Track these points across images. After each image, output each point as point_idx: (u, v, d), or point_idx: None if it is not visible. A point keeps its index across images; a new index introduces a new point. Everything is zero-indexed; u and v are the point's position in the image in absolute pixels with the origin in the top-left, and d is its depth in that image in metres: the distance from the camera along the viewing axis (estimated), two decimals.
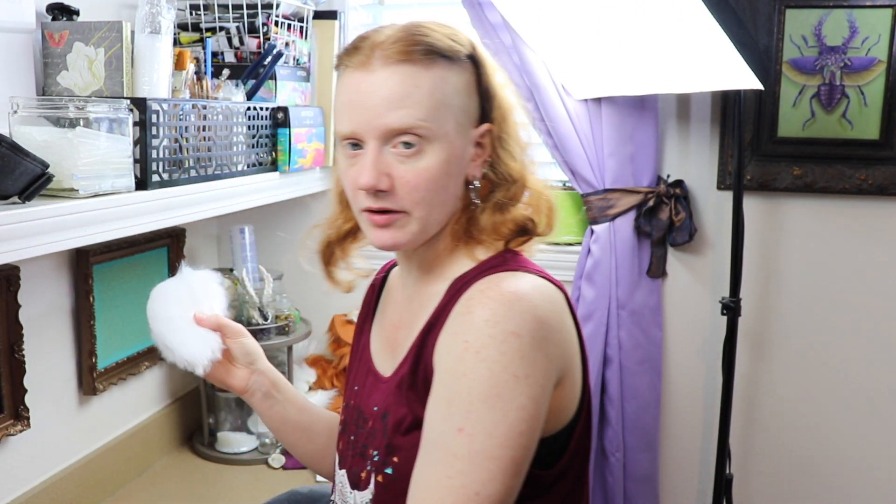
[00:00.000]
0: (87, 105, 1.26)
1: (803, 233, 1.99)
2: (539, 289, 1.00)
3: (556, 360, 0.98)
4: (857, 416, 2.01)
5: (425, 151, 1.02)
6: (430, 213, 1.05)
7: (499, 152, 1.10)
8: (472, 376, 0.92)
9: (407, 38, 1.03)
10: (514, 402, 0.91)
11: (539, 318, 0.95)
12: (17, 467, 1.60)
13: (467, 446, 0.90)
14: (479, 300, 0.97)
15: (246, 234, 2.10)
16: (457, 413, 0.92)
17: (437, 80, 1.02)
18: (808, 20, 1.89)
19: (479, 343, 0.93)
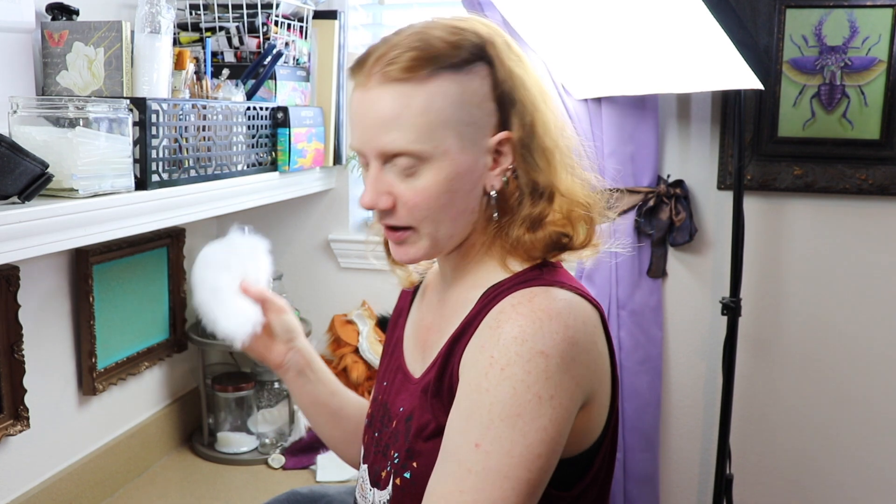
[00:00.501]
0: (86, 105, 1.26)
1: (804, 233, 1.99)
2: (573, 307, 0.96)
3: (583, 383, 0.95)
4: (858, 416, 2.01)
5: (424, 170, 0.99)
6: (437, 228, 1.03)
7: (522, 161, 1.03)
8: (494, 393, 0.90)
9: (405, 51, 0.98)
10: (535, 424, 0.89)
11: (569, 339, 0.93)
12: (17, 467, 1.60)
13: (483, 463, 0.89)
14: (508, 315, 0.94)
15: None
16: (476, 428, 0.90)
17: (432, 97, 0.98)
18: (808, 20, 1.88)
19: (505, 360, 0.91)
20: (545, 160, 1.04)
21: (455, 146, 0.99)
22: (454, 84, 0.98)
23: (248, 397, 2.08)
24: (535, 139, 1.03)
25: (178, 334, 2.08)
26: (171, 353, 2.07)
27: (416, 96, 0.97)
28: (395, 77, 0.98)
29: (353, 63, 1.04)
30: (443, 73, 0.98)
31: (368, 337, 2.16)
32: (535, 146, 1.03)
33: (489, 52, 1.01)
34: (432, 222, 1.02)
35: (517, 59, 1.04)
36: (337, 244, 2.29)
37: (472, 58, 1.00)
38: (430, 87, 0.98)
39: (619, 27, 1.68)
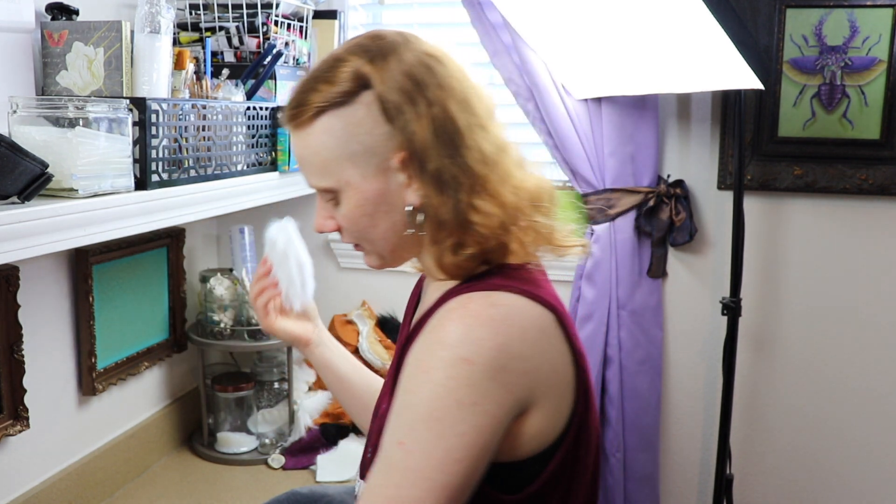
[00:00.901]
0: (86, 105, 1.26)
1: (804, 233, 1.99)
2: (512, 313, 0.96)
3: (517, 391, 0.94)
4: (858, 415, 2.01)
5: (341, 200, 1.07)
6: (373, 245, 1.10)
7: (421, 180, 1.02)
8: (417, 394, 0.92)
9: (293, 101, 1.06)
10: (454, 429, 0.90)
11: (499, 346, 0.92)
12: (17, 468, 1.60)
13: (404, 461, 0.91)
14: (443, 319, 0.96)
15: (245, 234, 2.10)
16: (400, 427, 0.93)
17: (320, 137, 1.04)
18: (808, 20, 1.88)
19: (429, 364, 0.93)
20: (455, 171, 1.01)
21: (356, 175, 1.04)
22: (337, 120, 1.02)
23: (247, 397, 2.08)
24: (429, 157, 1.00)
25: (177, 334, 2.07)
26: (170, 353, 2.07)
27: (308, 139, 1.05)
28: (291, 126, 1.07)
29: None
30: (326, 113, 1.03)
31: (368, 337, 2.16)
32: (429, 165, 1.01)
33: (368, 76, 1.01)
34: (367, 241, 1.10)
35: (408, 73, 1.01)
36: (337, 244, 2.29)
37: (353, 89, 1.01)
38: (316, 129, 1.04)
39: (619, 27, 1.68)
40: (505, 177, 1.03)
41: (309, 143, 1.05)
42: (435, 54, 1.04)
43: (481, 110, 1.04)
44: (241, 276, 2.04)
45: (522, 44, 1.93)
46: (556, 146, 1.99)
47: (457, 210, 1.01)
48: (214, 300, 2.02)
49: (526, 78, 1.96)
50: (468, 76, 1.06)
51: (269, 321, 1.38)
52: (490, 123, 1.05)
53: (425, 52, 1.03)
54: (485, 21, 1.98)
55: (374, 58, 1.01)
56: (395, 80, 1.00)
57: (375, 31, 1.07)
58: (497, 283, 1.00)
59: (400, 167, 1.02)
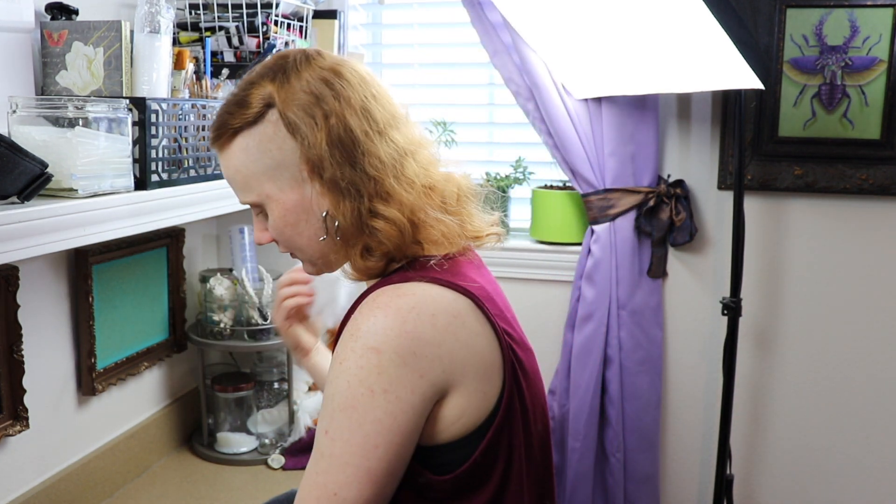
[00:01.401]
0: (86, 105, 1.26)
1: (804, 233, 1.99)
2: (421, 301, 1.00)
3: (431, 376, 0.98)
4: (858, 416, 2.01)
5: (268, 212, 1.13)
6: (303, 253, 1.16)
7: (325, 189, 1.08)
8: (334, 385, 0.98)
9: (214, 125, 1.13)
10: (369, 416, 0.96)
11: (407, 334, 0.97)
12: (16, 468, 1.59)
13: (329, 448, 0.98)
14: (355, 315, 1.01)
15: (245, 234, 2.10)
16: (325, 416, 0.99)
17: (237, 157, 1.11)
18: (808, 19, 1.88)
19: (343, 355, 0.98)
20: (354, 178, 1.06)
21: (274, 189, 1.10)
22: (248, 139, 1.10)
23: (247, 397, 2.08)
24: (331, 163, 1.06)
25: (177, 334, 2.07)
26: (170, 354, 2.06)
27: (230, 159, 1.12)
28: (217, 148, 1.15)
29: None
30: (241, 133, 1.10)
31: None
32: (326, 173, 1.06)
33: (273, 96, 1.08)
34: (296, 249, 1.16)
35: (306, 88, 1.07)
36: None
37: (261, 109, 1.08)
38: (234, 149, 1.11)
39: (620, 27, 1.68)
40: (399, 176, 1.08)
41: (230, 163, 1.12)
42: (335, 69, 1.09)
43: (381, 117, 1.09)
44: (241, 276, 2.03)
45: (522, 44, 1.92)
46: (556, 146, 1.99)
47: (358, 216, 1.07)
48: (214, 300, 2.02)
49: (526, 78, 1.96)
50: (371, 85, 1.11)
51: (285, 322, 1.44)
52: (390, 129, 1.09)
53: (326, 68, 1.09)
54: (485, 21, 1.98)
55: (277, 77, 1.09)
56: (296, 96, 1.07)
57: (282, 51, 1.16)
58: (409, 275, 1.05)
59: (309, 177, 1.08)
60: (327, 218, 1.09)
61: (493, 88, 2.27)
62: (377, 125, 1.08)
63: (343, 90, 1.07)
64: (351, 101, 1.07)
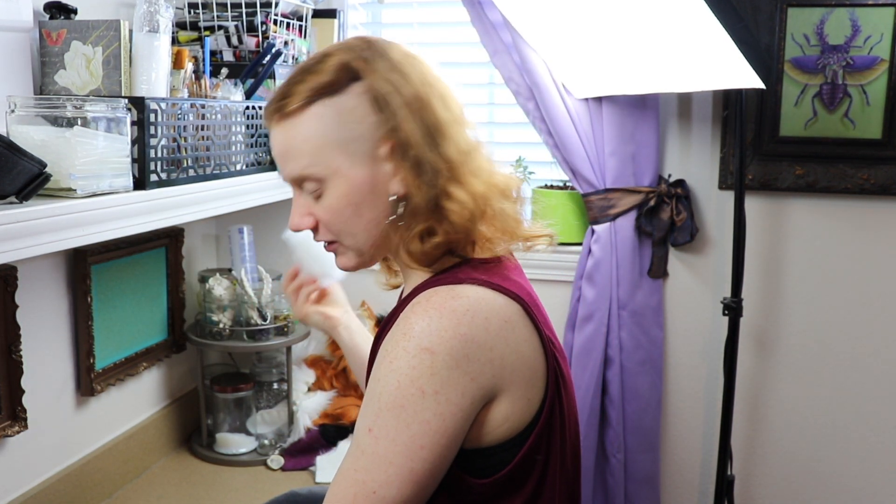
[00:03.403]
0: (84, 104, 1.25)
1: (805, 232, 1.98)
2: (475, 304, 0.99)
3: (482, 379, 0.98)
4: (860, 416, 2.00)
5: (326, 190, 1.09)
6: (355, 239, 1.12)
7: (404, 168, 1.08)
8: (383, 384, 0.97)
9: (280, 94, 1.09)
10: (418, 416, 0.95)
11: (462, 336, 0.96)
12: (15, 469, 1.59)
13: (372, 447, 0.97)
14: (407, 313, 1.00)
15: (245, 234, 2.09)
16: (369, 414, 0.98)
17: (310, 124, 1.07)
18: (809, 19, 1.88)
19: (394, 354, 0.98)
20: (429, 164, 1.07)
21: (345, 163, 1.07)
22: (328, 108, 1.06)
23: (246, 398, 2.07)
24: (418, 142, 1.06)
25: (176, 335, 2.07)
26: (169, 354, 2.06)
27: (298, 127, 1.08)
28: (276, 118, 1.10)
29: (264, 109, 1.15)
30: (317, 102, 1.07)
31: None
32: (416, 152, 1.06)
33: (358, 69, 1.07)
34: (348, 234, 1.12)
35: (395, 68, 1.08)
36: None
37: (343, 79, 1.07)
38: (307, 117, 1.07)
39: (620, 26, 1.67)
40: (476, 170, 1.10)
41: (298, 131, 1.08)
42: (415, 55, 1.12)
43: (456, 109, 1.11)
44: (241, 276, 2.03)
45: (523, 43, 1.92)
46: (557, 146, 1.98)
47: (432, 196, 1.06)
48: (213, 300, 2.02)
49: (526, 77, 1.96)
50: (443, 78, 1.13)
51: (301, 307, 1.47)
52: (464, 121, 1.12)
53: (406, 53, 1.11)
54: (485, 20, 1.97)
55: (363, 52, 1.08)
56: (384, 72, 1.06)
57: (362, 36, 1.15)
58: (462, 276, 1.05)
59: (388, 156, 1.07)
60: (396, 200, 1.08)
61: (493, 88, 2.27)
62: (454, 115, 1.10)
63: (426, 75, 1.09)
64: (434, 87, 1.09)
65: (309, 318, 1.47)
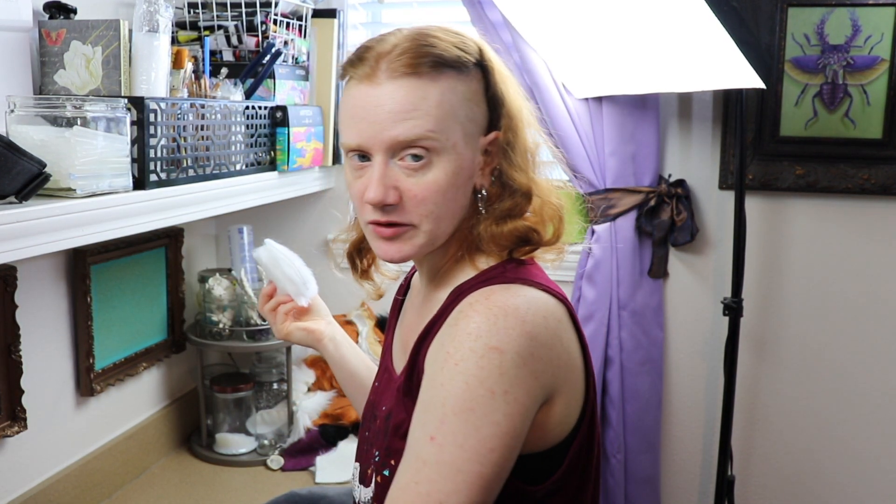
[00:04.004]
0: (84, 104, 1.25)
1: (806, 233, 1.98)
2: (533, 303, 0.98)
3: (543, 379, 0.96)
4: (860, 417, 2.00)
5: (433, 164, 1.02)
6: (437, 225, 1.06)
7: (505, 161, 1.09)
8: (448, 387, 0.92)
9: (413, 49, 1.01)
10: (488, 418, 0.91)
11: (527, 335, 0.94)
12: (14, 469, 1.59)
13: (437, 455, 0.90)
14: (466, 312, 0.97)
15: (244, 234, 2.09)
16: (431, 421, 0.92)
17: (444, 91, 1.02)
18: (810, 18, 1.88)
19: (460, 355, 0.93)
20: (525, 161, 1.10)
21: (461, 141, 1.04)
22: (459, 83, 1.04)
23: (246, 398, 2.07)
24: (517, 141, 1.09)
25: (176, 335, 2.07)
26: (169, 354, 2.06)
27: (431, 89, 1.01)
28: (407, 72, 1.01)
29: (351, 58, 1.06)
30: (449, 72, 1.03)
31: (368, 338, 2.15)
32: (518, 147, 1.09)
33: (486, 58, 1.08)
34: (434, 219, 1.05)
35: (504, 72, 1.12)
36: (337, 245, 2.27)
37: (472, 61, 1.06)
38: (442, 83, 1.02)
39: (620, 26, 1.67)
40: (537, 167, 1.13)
41: (429, 93, 1.01)
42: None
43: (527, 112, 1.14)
44: (240, 276, 2.03)
45: (523, 43, 1.92)
46: (557, 145, 1.98)
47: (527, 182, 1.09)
48: (213, 300, 2.01)
49: (526, 77, 1.96)
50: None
51: (281, 326, 1.42)
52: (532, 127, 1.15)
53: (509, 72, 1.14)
54: (485, 20, 1.97)
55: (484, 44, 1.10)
56: (498, 65, 1.10)
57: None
58: (511, 276, 1.03)
59: (485, 147, 1.08)
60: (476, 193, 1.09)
61: None
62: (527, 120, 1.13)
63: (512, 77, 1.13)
64: (519, 91, 1.13)
65: (291, 335, 1.42)
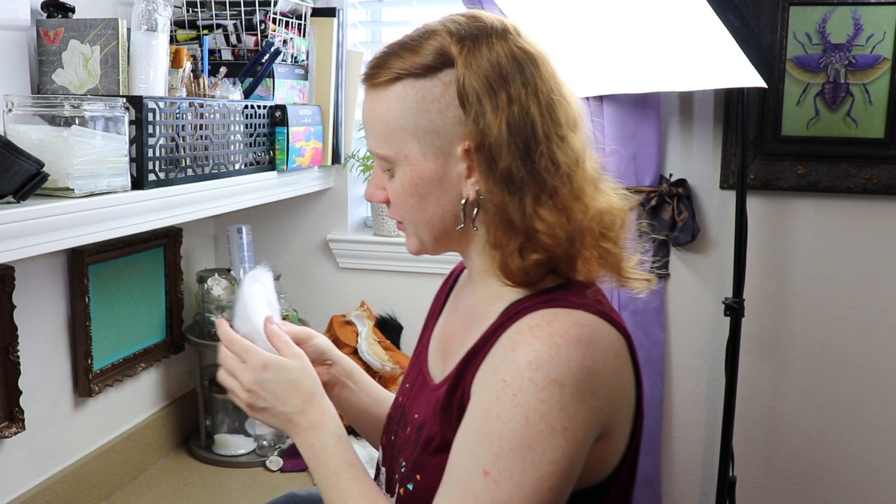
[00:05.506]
0: (82, 103, 1.25)
1: (807, 232, 1.98)
2: (595, 334, 0.91)
3: (600, 415, 0.90)
4: (862, 417, 2.00)
5: (395, 172, 1.03)
6: (416, 227, 1.05)
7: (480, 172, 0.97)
8: (505, 420, 0.87)
9: (376, 62, 1.02)
10: (547, 456, 0.86)
11: (587, 369, 0.88)
12: (12, 470, 1.58)
13: (491, 492, 0.86)
14: (525, 337, 0.90)
15: (244, 234, 2.08)
16: (485, 455, 0.87)
17: (391, 104, 0.99)
18: (812, 17, 1.87)
19: (518, 386, 0.87)
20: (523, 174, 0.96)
21: (416, 152, 1.00)
22: (409, 90, 0.99)
23: None
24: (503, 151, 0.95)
25: (174, 335, 2.06)
26: (167, 355, 2.05)
27: (380, 102, 1.01)
28: (369, 86, 1.03)
29: None
30: (403, 80, 0.99)
31: (367, 338, 2.14)
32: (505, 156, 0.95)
33: (453, 56, 0.97)
34: (410, 221, 1.06)
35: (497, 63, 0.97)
36: (335, 244, 2.27)
37: (435, 63, 0.98)
38: (390, 94, 1.00)
39: (621, 24, 1.66)
40: (578, 193, 0.98)
41: (378, 107, 1.01)
42: (530, 52, 1.00)
43: (563, 120, 0.99)
44: (239, 276, 2.02)
45: None
46: None
47: (522, 214, 0.96)
48: (212, 301, 2.01)
49: None
50: (559, 82, 1.02)
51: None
52: (570, 135, 0.99)
53: (520, 48, 0.99)
54: None
55: (465, 38, 0.98)
56: (481, 66, 0.96)
57: (476, 12, 1.04)
58: (574, 300, 0.95)
59: (462, 156, 0.98)
60: (468, 205, 1.00)
61: None
62: (557, 128, 0.98)
63: (533, 78, 0.98)
64: (538, 93, 0.97)
65: None
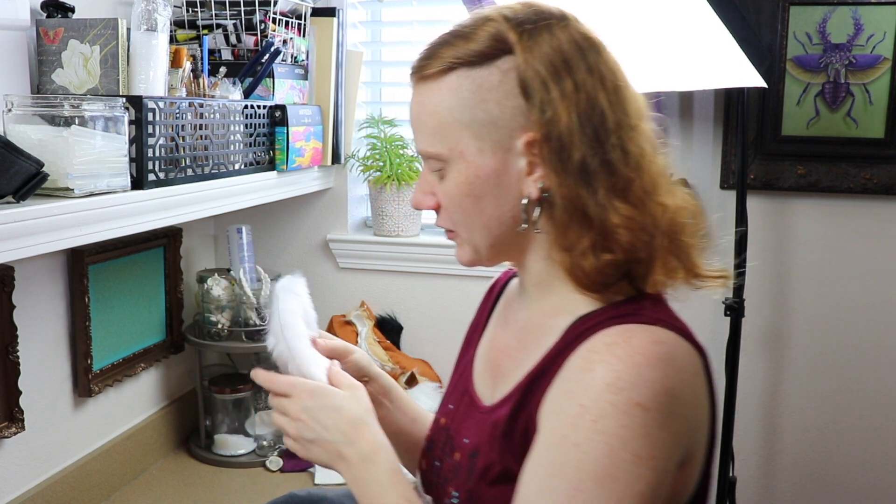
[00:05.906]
0: (82, 103, 1.25)
1: (807, 232, 1.97)
2: (677, 352, 0.85)
3: (682, 440, 0.84)
4: (863, 417, 1.99)
5: (447, 172, 0.95)
6: (470, 233, 0.97)
7: (547, 168, 0.90)
8: (585, 449, 0.79)
9: (425, 53, 0.95)
10: (632, 488, 0.78)
11: (670, 391, 0.81)
12: (12, 470, 1.58)
13: None
14: (602, 356, 0.83)
15: (243, 234, 2.08)
16: (563, 488, 0.79)
17: (444, 96, 0.93)
18: (812, 17, 1.87)
19: (598, 411, 0.80)
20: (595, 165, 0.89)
21: (472, 147, 0.92)
22: (464, 80, 0.92)
23: (245, 399, 2.06)
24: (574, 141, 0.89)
25: (174, 335, 2.06)
26: (167, 355, 2.05)
27: (431, 96, 0.94)
28: (419, 78, 0.96)
29: None
30: (457, 70, 0.92)
31: (367, 338, 2.14)
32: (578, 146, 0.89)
33: (511, 42, 0.91)
34: (463, 226, 0.97)
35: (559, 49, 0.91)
36: (335, 244, 2.27)
37: (491, 51, 0.91)
38: (442, 86, 0.93)
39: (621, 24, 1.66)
40: (652, 187, 0.91)
41: (429, 100, 0.94)
42: (591, 38, 0.94)
43: (632, 110, 0.93)
44: (239, 276, 2.02)
45: None
46: None
47: (597, 207, 0.88)
48: (212, 301, 2.00)
49: None
50: (623, 72, 0.95)
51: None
52: (641, 125, 0.93)
53: (581, 34, 0.93)
54: None
55: (523, 23, 0.91)
56: (543, 53, 0.90)
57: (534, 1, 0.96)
58: (650, 315, 0.88)
59: (524, 150, 0.91)
60: (530, 204, 0.92)
61: None
62: (627, 117, 0.91)
63: (598, 65, 0.91)
64: (604, 81, 0.91)
65: None
